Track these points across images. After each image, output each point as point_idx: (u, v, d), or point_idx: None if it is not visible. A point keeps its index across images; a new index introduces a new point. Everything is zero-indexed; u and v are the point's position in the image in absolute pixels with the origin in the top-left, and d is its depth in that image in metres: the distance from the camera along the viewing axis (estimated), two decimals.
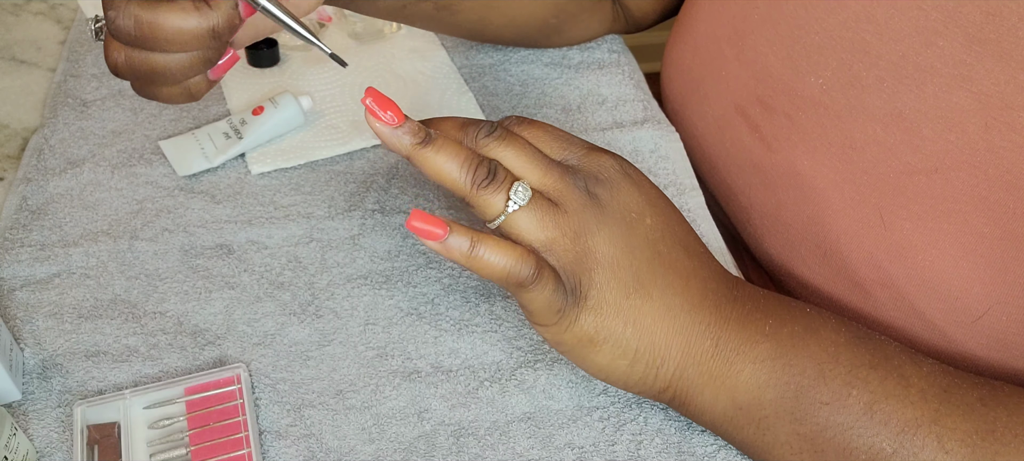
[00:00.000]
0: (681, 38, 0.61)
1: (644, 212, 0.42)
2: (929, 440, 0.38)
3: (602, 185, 0.41)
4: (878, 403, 0.39)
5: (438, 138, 0.39)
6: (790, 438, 0.40)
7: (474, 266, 0.38)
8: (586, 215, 0.40)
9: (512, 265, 0.38)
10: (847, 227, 0.48)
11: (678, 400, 0.43)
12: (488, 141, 0.41)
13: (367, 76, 0.68)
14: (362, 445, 0.45)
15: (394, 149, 0.39)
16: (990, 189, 0.41)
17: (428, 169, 0.39)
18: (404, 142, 0.39)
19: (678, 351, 0.41)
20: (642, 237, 0.41)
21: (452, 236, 0.38)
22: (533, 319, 0.41)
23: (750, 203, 0.55)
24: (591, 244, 0.40)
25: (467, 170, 0.39)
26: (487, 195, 0.39)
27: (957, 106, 0.42)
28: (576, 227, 0.40)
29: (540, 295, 0.39)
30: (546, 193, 0.40)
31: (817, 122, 0.48)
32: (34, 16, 0.74)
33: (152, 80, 0.39)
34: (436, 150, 0.39)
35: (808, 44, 0.48)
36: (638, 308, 0.40)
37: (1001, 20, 0.39)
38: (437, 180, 0.39)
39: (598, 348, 0.41)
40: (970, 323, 0.44)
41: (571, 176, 0.41)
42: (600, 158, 0.42)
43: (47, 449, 0.45)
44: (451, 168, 0.39)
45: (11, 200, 0.57)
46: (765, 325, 0.41)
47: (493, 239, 0.38)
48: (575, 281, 0.40)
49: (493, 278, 0.39)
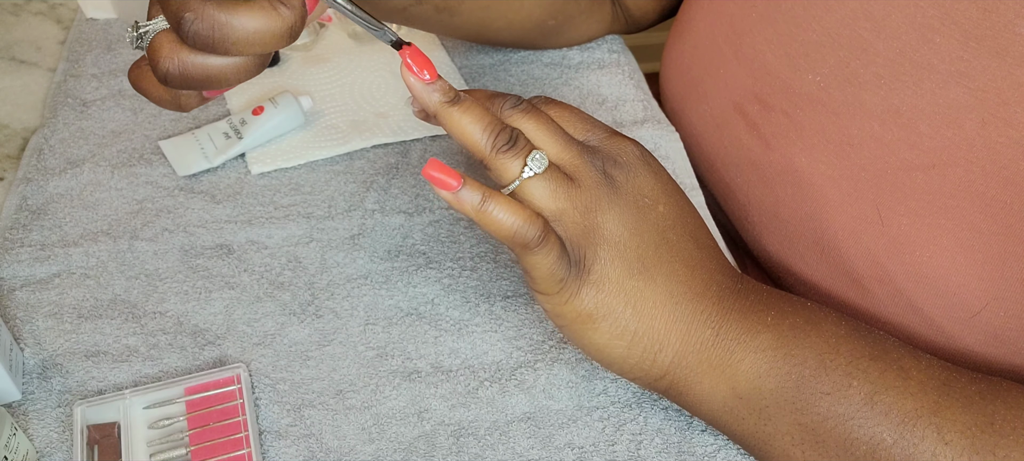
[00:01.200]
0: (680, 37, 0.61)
1: (658, 199, 0.42)
2: (929, 431, 0.38)
3: (619, 168, 0.42)
4: (878, 394, 0.39)
5: (466, 100, 0.40)
6: (791, 428, 0.40)
7: (483, 220, 0.39)
8: (599, 192, 0.41)
9: (519, 225, 0.39)
10: (845, 223, 0.48)
11: (675, 389, 0.43)
12: (513, 112, 0.42)
13: (367, 76, 0.68)
14: (362, 445, 0.45)
15: (423, 104, 0.40)
16: (987, 185, 0.41)
17: (452, 128, 0.40)
18: (434, 98, 0.40)
19: (678, 338, 0.41)
20: (652, 223, 0.42)
21: (465, 189, 0.39)
22: (535, 287, 0.41)
23: (748, 201, 0.55)
24: (600, 221, 0.40)
25: (489, 133, 0.40)
26: (505, 159, 0.40)
27: (954, 102, 0.42)
28: (587, 202, 0.40)
29: (544, 260, 0.39)
30: (562, 167, 0.41)
31: (815, 119, 0.48)
32: (34, 16, 0.74)
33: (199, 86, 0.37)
34: (462, 110, 0.40)
35: (806, 42, 0.48)
36: (640, 290, 0.41)
37: (997, 17, 0.39)
38: (459, 139, 0.40)
39: (596, 325, 0.41)
40: (967, 319, 0.44)
41: (589, 155, 0.42)
42: (621, 142, 0.43)
43: (47, 449, 0.45)
44: (474, 129, 0.40)
45: (11, 200, 0.57)
46: (767, 316, 0.42)
47: (503, 197, 0.39)
48: (580, 254, 0.40)
49: (500, 236, 0.39)
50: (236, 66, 0.37)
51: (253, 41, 0.35)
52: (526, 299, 0.53)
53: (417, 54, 0.40)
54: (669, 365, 0.42)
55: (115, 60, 0.69)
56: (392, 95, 0.66)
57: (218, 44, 0.35)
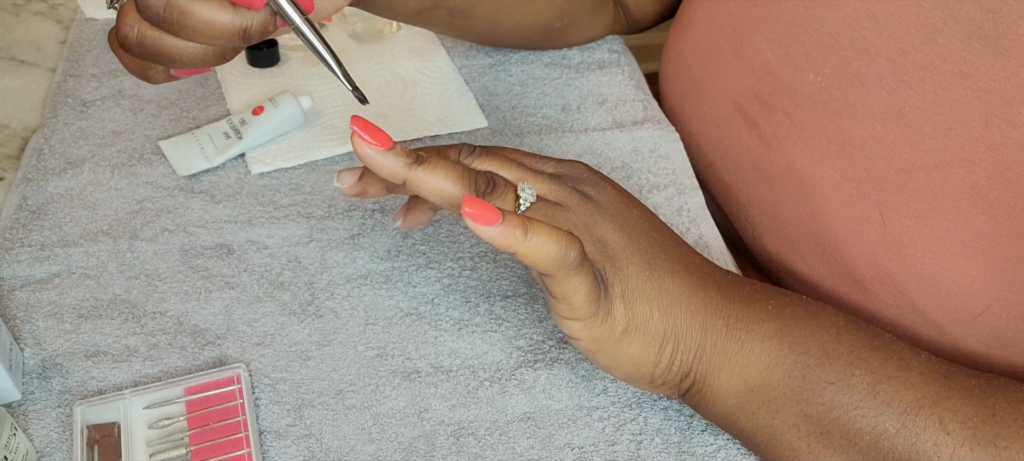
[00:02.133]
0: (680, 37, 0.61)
1: (630, 204, 0.43)
2: (931, 421, 0.39)
3: (586, 184, 0.42)
4: (881, 384, 0.39)
5: (430, 158, 0.39)
6: (798, 420, 0.40)
7: (528, 250, 0.37)
8: (586, 209, 0.41)
9: (563, 247, 0.37)
10: (846, 224, 0.48)
11: (696, 388, 0.43)
12: (471, 158, 0.41)
13: (367, 76, 0.68)
14: (362, 445, 0.45)
15: (386, 174, 0.38)
16: (990, 186, 0.41)
17: (425, 189, 0.39)
18: (397, 165, 0.38)
19: (697, 331, 0.41)
20: (637, 227, 0.42)
21: (507, 222, 0.36)
22: (573, 314, 0.39)
23: (749, 201, 0.55)
24: (602, 234, 0.40)
25: (467, 182, 0.39)
26: (495, 202, 0.39)
27: (957, 103, 0.42)
28: (584, 219, 0.40)
29: (584, 281, 0.38)
30: (544, 197, 0.41)
31: (816, 119, 0.48)
32: (34, 16, 0.74)
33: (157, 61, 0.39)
34: (430, 169, 0.38)
35: (807, 41, 0.48)
36: (656, 291, 0.41)
37: (1001, 17, 0.39)
38: (436, 198, 0.39)
39: (630, 338, 0.41)
40: (969, 320, 0.44)
41: (557, 181, 0.42)
42: (572, 165, 0.44)
43: (47, 449, 0.45)
44: (450, 182, 0.38)
45: (11, 200, 0.57)
46: (767, 305, 0.42)
47: (541, 222, 0.37)
48: (601, 270, 0.40)
49: (545, 262, 0.37)
50: (192, 51, 0.38)
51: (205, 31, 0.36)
52: (526, 299, 0.53)
53: (367, 127, 0.38)
54: (693, 360, 0.42)
55: (115, 60, 0.69)
56: (392, 95, 0.66)
57: (170, 24, 0.36)
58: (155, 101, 0.65)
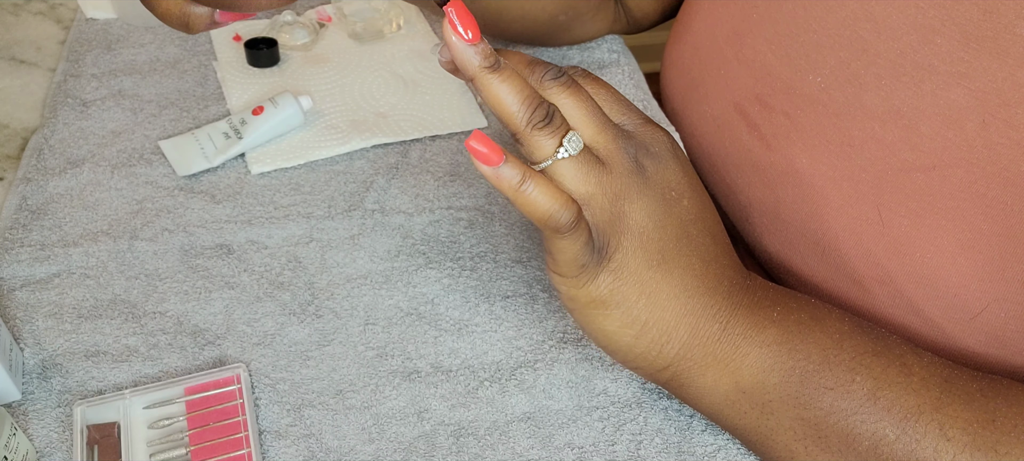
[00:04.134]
0: (680, 37, 0.61)
1: (684, 193, 0.42)
2: (931, 427, 0.38)
3: (651, 158, 0.41)
4: (881, 390, 0.39)
5: (506, 68, 0.39)
6: (793, 423, 0.40)
7: (519, 200, 0.38)
8: (628, 181, 0.40)
9: (555, 209, 0.38)
10: (845, 224, 0.48)
11: (677, 381, 0.43)
12: (553, 84, 0.40)
13: (367, 76, 0.68)
14: (362, 445, 0.45)
15: (462, 66, 0.38)
16: (988, 186, 0.41)
17: (489, 96, 0.38)
18: (474, 62, 0.38)
19: (686, 331, 0.41)
20: (676, 217, 0.41)
21: (505, 165, 0.38)
22: (556, 269, 0.41)
23: (749, 201, 0.55)
24: (627, 209, 0.40)
25: (527, 107, 0.38)
26: (540, 136, 0.38)
27: (955, 103, 0.42)
28: (617, 189, 0.40)
29: (572, 246, 0.39)
30: (596, 150, 0.40)
31: (816, 120, 0.48)
32: (34, 16, 0.74)
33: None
34: (502, 78, 0.38)
35: (807, 43, 0.48)
36: (656, 282, 0.41)
37: (998, 17, 0.39)
38: (495, 109, 0.39)
39: (608, 312, 0.41)
40: (968, 320, 0.44)
41: (623, 140, 0.41)
42: (655, 131, 0.42)
43: (47, 449, 0.45)
44: (512, 101, 0.38)
45: (11, 200, 0.57)
46: (773, 312, 0.42)
47: (543, 179, 0.38)
48: (604, 240, 0.40)
49: (533, 216, 0.38)
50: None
51: None
52: (526, 299, 0.53)
53: (463, 12, 0.38)
54: (674, 357, 0.42)
55: (115, 60, 0.69)
56: (392, 95, 0.66)
57: None
58: (155, 101, 0.65)
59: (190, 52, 0.70)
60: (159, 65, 0.69)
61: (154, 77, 0.67)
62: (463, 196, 0.59)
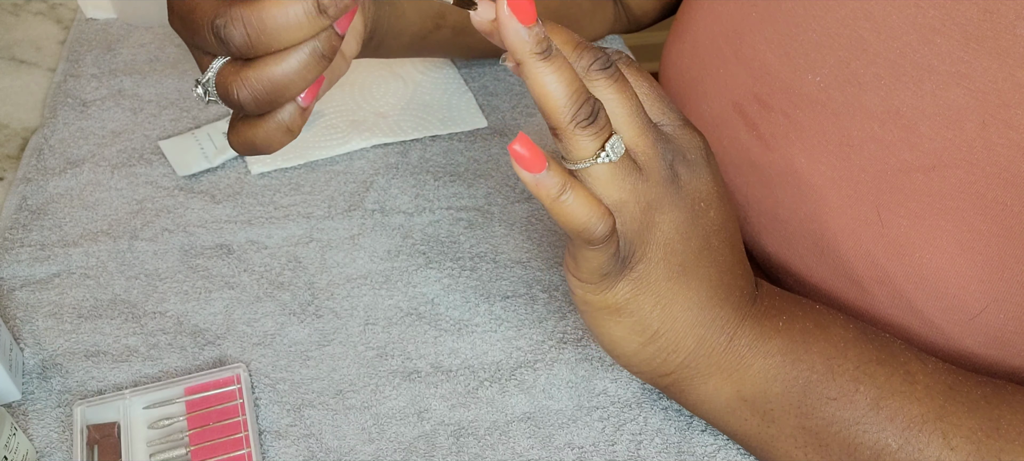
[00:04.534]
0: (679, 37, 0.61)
1: (711, 204, 0.41)
2: (934, 436, 0.38)
3: (686, 165, 0.40)
4: (884, 399, 0.39)
5: (557, 57, 0.36)
6: (795, 432, 0.40)
7: (556, 209, 0.37)
8: (662, 190, 0.39)
9: (592, 222, 0.37)
10: (844, 224, 0.48)
11: (677, 387, 0.43)
12: (600, 76, 0.38)
13: (367, 76, 0.68)
14: (362, 445, 0.45)
15: (512, 46, 0.36)
16: (987, 186, 0.41)
17: (535, 84, 0.36)
18: (526, 46, 0.36)
19: (693, 341, 0.41)
20: (702, 228, 0.40)
21: (547, 173, 0.36)
22: (577, 274, 0.40)
23: (747, 201, 0.55)
24: (657, 220, 0.39)
25: (574, 102, 0.36)
26: (583, 137, 0.37)
27: (954, 104, 0.42)
28: (650, 198, 0.39)
29: (599, 256, 0.38)
30: (634, 154, 0.39)
31: (815, 120, 0.48)
32: (34, 16, 0.74)
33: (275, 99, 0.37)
34: (553, 68, 0.36)
35: (806, 42, 0.48)
36: (673, 293, 0.40)
37: (998, 18, 0.39)
38: (540, 99, 0.37)
39: (619, 319, 0.40)
40: (967, 320, 0.44)
41: (662, 145, 0.39)
42: (692, 135, 0.41)
43: (47, 449, 0.45)
44: (559, 93, 0.36)
45: (11, 200, 0.57)
46: (779, 321, 0.42)
47: (582, 189, 0.37)
48: (630, 250, 0.39)
49: (568, 227, 0.37)
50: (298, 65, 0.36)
51: (287, 26, 0.35)
52: (526, 299, 0.53)
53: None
54: (678, 365, 0.42)
55: (115, 60, 0.69)
56: (392, 95, 0.66)
57: (257, 39, 0.35)
58: (155, 101, 0.65)
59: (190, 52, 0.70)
60: (159, 65, 0.69)
61: (154, 77, 0.67)
62: (463, 196, 0.59)
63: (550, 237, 0.57)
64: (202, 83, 0.38)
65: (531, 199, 0.59)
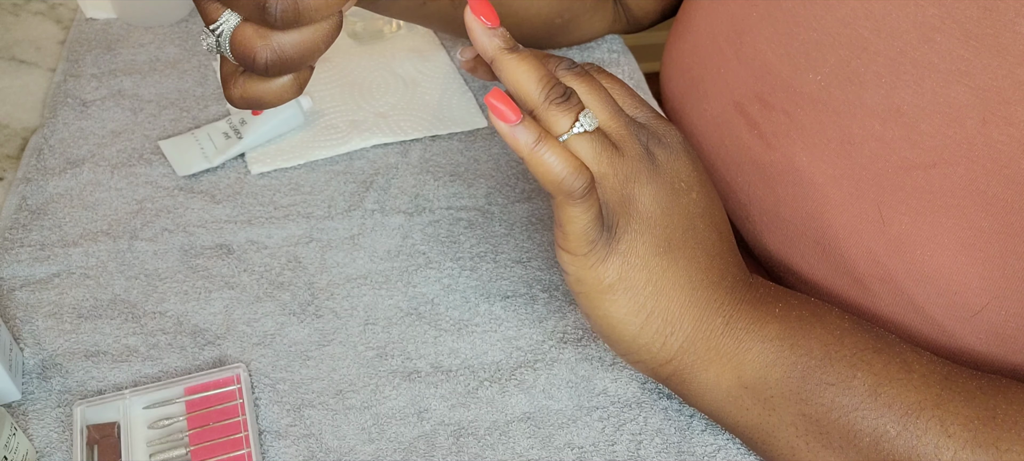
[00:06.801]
0: (680, 37, 0.61)
1: (693, 186, 0.43)
2: (932, 423, 0.39)
3: (662, 147, 0.42)
4: (882, 386, 0.40)
5: (524, 51, 0.40)
6: (796, 419, 0.41)
7: (533, 161, 0.39)
8: (640, 165, 0.41)
9: (568, 173, 0.39)
10: (846, 222, 0.48)
11: (678, 376, 0.43)
12: (567, 74, 0.42)
13: (367, 76, 0.68)
14: (362, 445, 0.45)
15: (482, 48, 0.40)
16: (988, 184, 0.41)
17: (508, 74, 0.40)
18: (493, 44, 0.40)
19: (690, 322, 0.42)
20: (684, 208, 0.42)
21: (522, 125, 0.39)
22: (566, 244, 0.41)
23: (749, 200, 0.55)
24: (636, 193, 0.41)
25: (544, 85, 0.40)
26: (557, 111, 0.40)
27: (955, 101, 0.42)
28: (628, 172, 0.41)
29: (583, 216, 0.40)
30: (609, 134, 0.41)
31: (816, 118, 0.48)
32: (34, 16, 0.74)
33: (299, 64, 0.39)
34: (520, 58, 0.40)
35: (806, 41, 0.48)
36: (663, 269, 0.41)
37: (998, 15, 0.39)
38: (513, 87, 0.40)
39: (615, 297, 0.41)
40: (969, 318, 0.44)
41: (636, 128, 0.42)
42: (667, 125, 0.44)
43: (47, 449, 0.45)
44: (529, 79, 0.40)
45: (11, 200, 0.57)
46: (775, 308, 0.42)
47: (557, 142, 0.39)
48: (614, 221, 0.41)
49: (546, 180, 0.39)
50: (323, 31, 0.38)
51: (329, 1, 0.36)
52: (526, 299, 0.53)
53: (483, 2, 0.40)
54: (678, 350, 0.42)
55: (115, 60, 0.69)
56: (392, 95, 0.66)
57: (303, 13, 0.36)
58: (155, 101, 0.65)
59: (190, 52, 0.70)
60: (159, 65, 0.69)
61: (154, 77, 0.67)
62: (463, 196, 0.59)
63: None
64: (216, 35, 0.38)
65: (531, 199, 0.59)
